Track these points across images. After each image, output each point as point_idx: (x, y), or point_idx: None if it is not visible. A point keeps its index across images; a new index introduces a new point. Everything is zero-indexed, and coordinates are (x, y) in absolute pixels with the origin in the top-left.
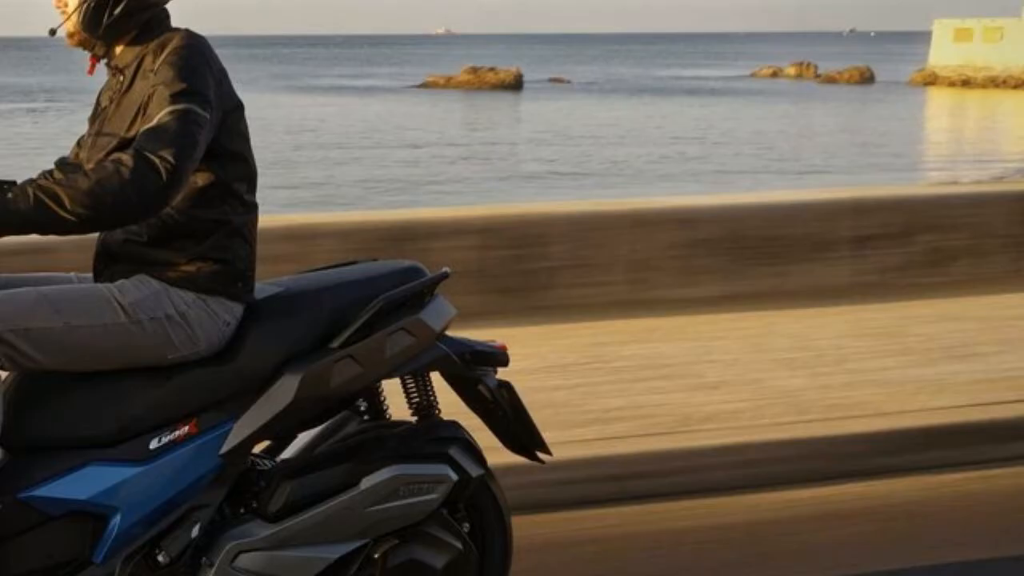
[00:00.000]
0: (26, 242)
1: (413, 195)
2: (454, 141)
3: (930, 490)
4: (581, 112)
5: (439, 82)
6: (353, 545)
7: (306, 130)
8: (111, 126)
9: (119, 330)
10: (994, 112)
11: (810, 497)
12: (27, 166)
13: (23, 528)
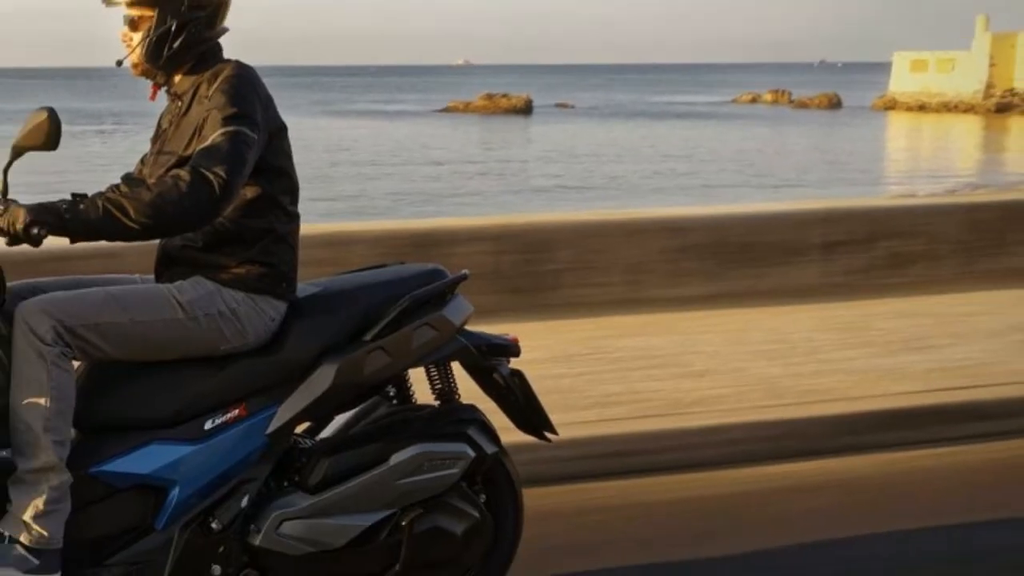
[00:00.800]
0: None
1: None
2: (472, 159)
3: (890, 466)
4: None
5: (459, 107)
6: (383, 514)
7: (342, 149)
8: (171, 145)
9: (177, 325)
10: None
11: (785, 472)
12: (97, 181)
13: (93, 499)
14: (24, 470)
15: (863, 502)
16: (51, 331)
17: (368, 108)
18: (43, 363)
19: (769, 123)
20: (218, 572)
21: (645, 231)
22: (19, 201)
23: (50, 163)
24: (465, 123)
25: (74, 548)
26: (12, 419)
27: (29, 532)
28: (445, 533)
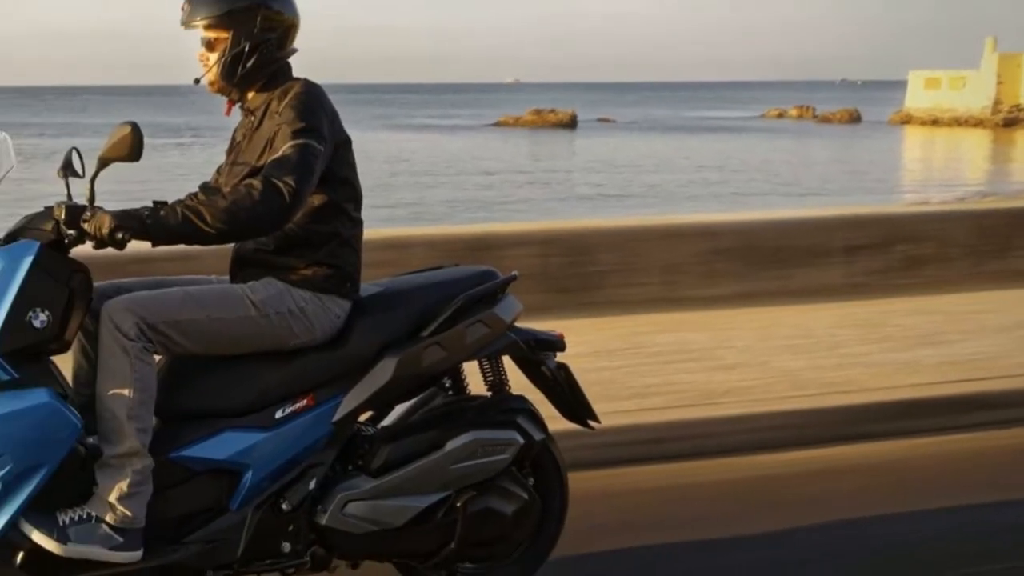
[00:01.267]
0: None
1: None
2: (521, 169)
3: (906, 452)
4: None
5: (509, 121)
6: (439, 495)
7: (401, 160)
8: (244, 157)
9: (251, 322)
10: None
11: (808, 457)
12: (176, 189)
13: (173, 482)
14: (110, 455)
15: (881, 485)
16: (134, 327)
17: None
18: (127, 357)
19: (794, 136)
20: (288, 549)
21: (681, 235)
22: (105, 208)
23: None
24: (515, 136)
25: (155, 527)
26: (98, 408)
27: (114, 512)
28: (497, 513)
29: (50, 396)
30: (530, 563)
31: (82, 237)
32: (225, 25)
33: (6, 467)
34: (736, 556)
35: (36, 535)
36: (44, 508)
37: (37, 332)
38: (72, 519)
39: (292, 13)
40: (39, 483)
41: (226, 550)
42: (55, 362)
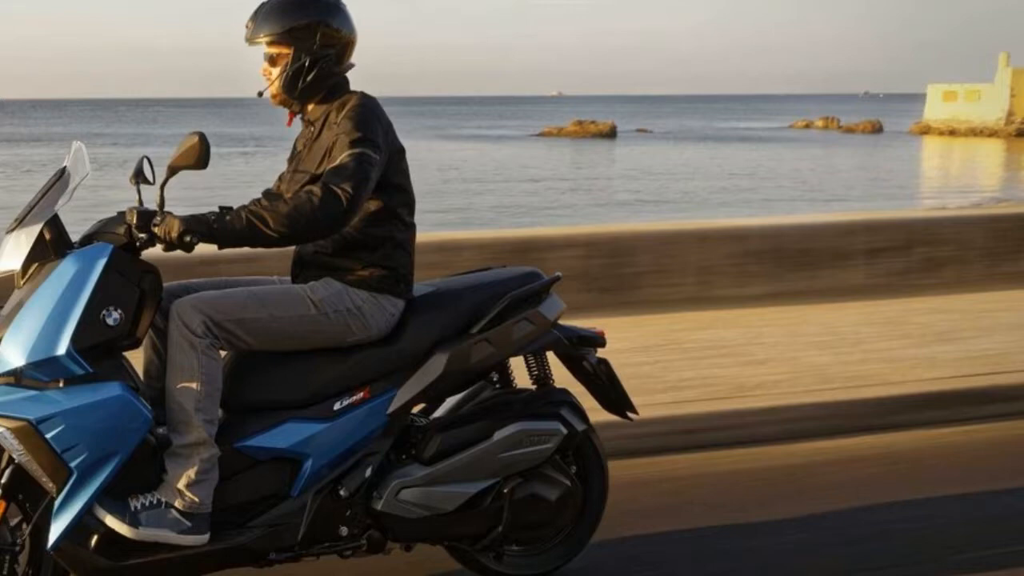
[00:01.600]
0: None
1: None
2: (564, 176)
3: (924, 441)
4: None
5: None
6: (488, 483)
7: (452, 168)
8: (304, 165)
9: (310, 320)
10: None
11: (833, 447)
12: (241, 195)
13: (238, 470)
14: (178, 445)
15: (901, 472)
16: (201, 325)
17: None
18: (194, 352)
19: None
20: (345, 533)
21: (713, 239)
22: (174, 213)
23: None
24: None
25: (221, 512)
26: (168, 401)
27: (183, 498)
28: (541, 499)
29: (123, 389)
30: (573, 546)
31: (152, 240)
32: (287, 42)
33: (82, 456)
34: (765, 539)
35: (109, 520)
36: (117, 494)
37: (110, 329)
38: (143, 505)
39: (349, 30)
40: (112, 471)
41: (288, 534)
42: (127, 357)
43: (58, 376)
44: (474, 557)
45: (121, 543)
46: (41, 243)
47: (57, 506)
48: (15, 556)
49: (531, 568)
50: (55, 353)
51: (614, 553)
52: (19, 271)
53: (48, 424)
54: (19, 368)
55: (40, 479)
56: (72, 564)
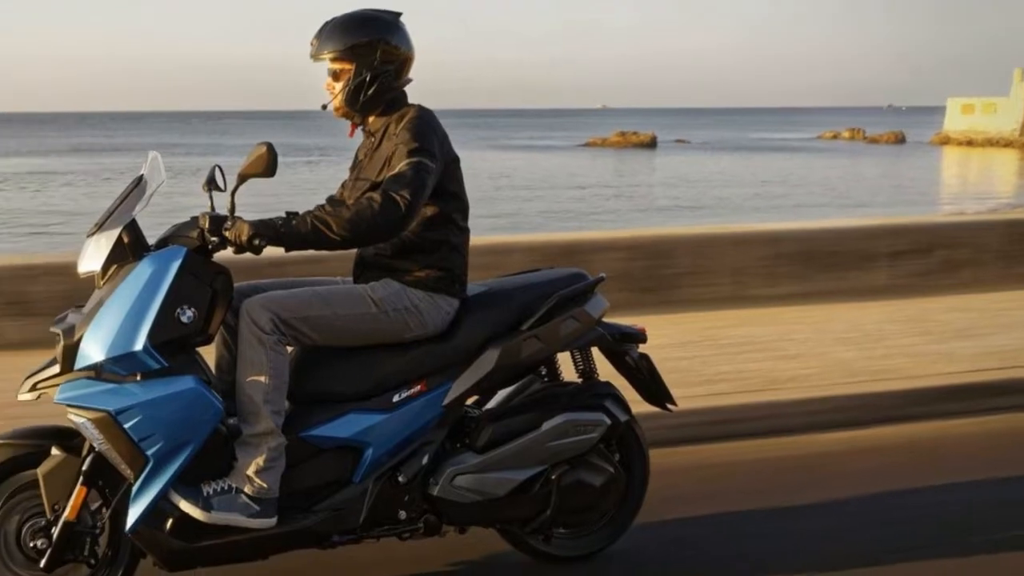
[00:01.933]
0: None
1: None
2: (608, 184)
3: (944, 431)
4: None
5: (597, 142)
6: (536, 469)
7: (503, 176)
8: (365, 173)
9: (371, 318)
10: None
11: (859, 436)
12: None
13: (304, 458)
14: (248, 434)
15: (922, 461)
16: (269, 322)
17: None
18: (263, 348)
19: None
20: (403, 516)
21: (747, 242)
22: (244, 218)
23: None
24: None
25: (288, 497)
26: (238, 393)
27: (252, 484)
28: (587, 485)
29: (196, 382)
30: (616, 529)
31: (224, 243)
32: (349, 58)
33: (157, 445)
34: (795, 523)
35: (184, 504)
36: (191, 481)
37: (184, 326)
38: (215, 490)
39: (408, 47)
40: (186, 459)
41: (350, 517)
42: (200, 353)
43: (135, 370)
44: (524, 539)
45: (194, 526)
46: (120, 246)
47: (135, 492)
48: (96, 538)
49: (577, 549)
50: (133, 349)
51: (655, 535)
52: (99, 272)
53: (126, 415)
54: (99, 363)
55: (119, 466)
56: (149, 546)
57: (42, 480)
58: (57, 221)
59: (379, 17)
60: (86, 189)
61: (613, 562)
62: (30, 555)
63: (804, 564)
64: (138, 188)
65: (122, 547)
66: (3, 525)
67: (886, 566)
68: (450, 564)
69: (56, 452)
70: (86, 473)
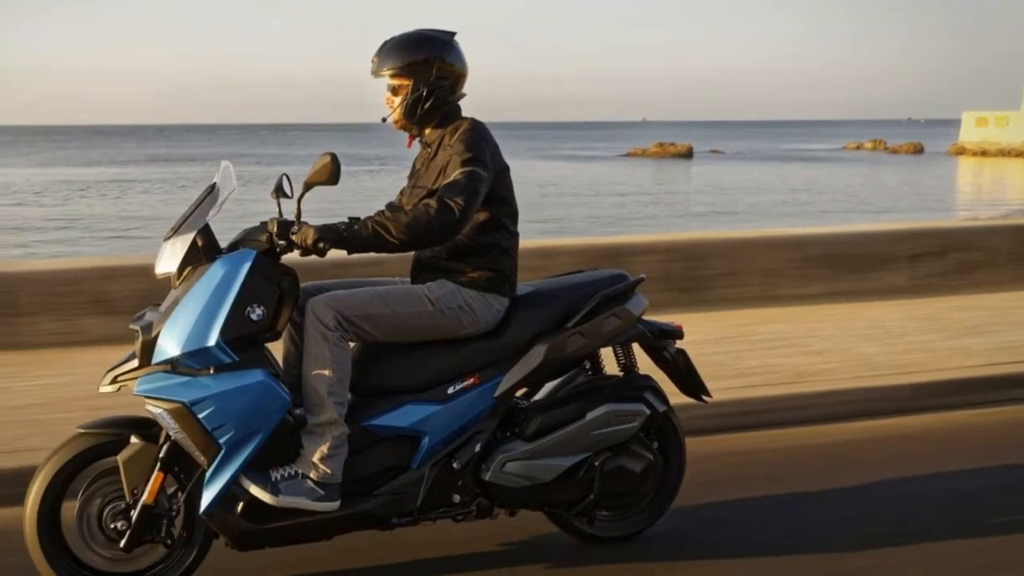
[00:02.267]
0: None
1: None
2: (647, 191)
3: (959, 421)
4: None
5: (638, 153)
6: (581, 456)
7: (550, 184)
8: (422, 181)
9: (428, 316)
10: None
11: (880, 426)
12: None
13: (365, 446)
14: (313, 424)
15: (939, 448)
16: (333, 319)
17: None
18: (327, 344)
19: (869, 165)
20: (457, 500)
21: (776, 245)
22: (310, 223)
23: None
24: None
25: (350, 483)
26: (304, 386)
27: (317, 470)
28: (628, 471)
29: (265, 375)
30: (655, 511)
31: (290, 247)
32: (407, 74)
33: (229, 433)
34: (820, 506)
35: (253, 488)
36: (260, 467)
37: (254, 323)
38: (283, 476)
39: (462, 64)
40: (256, 447)
41: (408, 501)
42: (268, 348)
43: (208, 364)
44: (569, 521)
45: (263, 509)
46: (194, 249)
47: (208, 477)
48: (172, 520)
49: (619, 530)
50: (206, 344)
51: (691, 517)
52: (175, 273)
53: (200, 406)
54: (175, 357)
55: (193, 453)
56: (221, 527)
57: (122, 466)
58: (136, 226)
59: (435, 37)
60: (162, 196)
61: (652, 543)
62: (111, 536)
63: (830, 544)
64: (211, 195)
65: (196, 529)
66: (86, 508)
67: (907, 546)
68: (501, 544)
69: (135, 440)
70: (163, 460)
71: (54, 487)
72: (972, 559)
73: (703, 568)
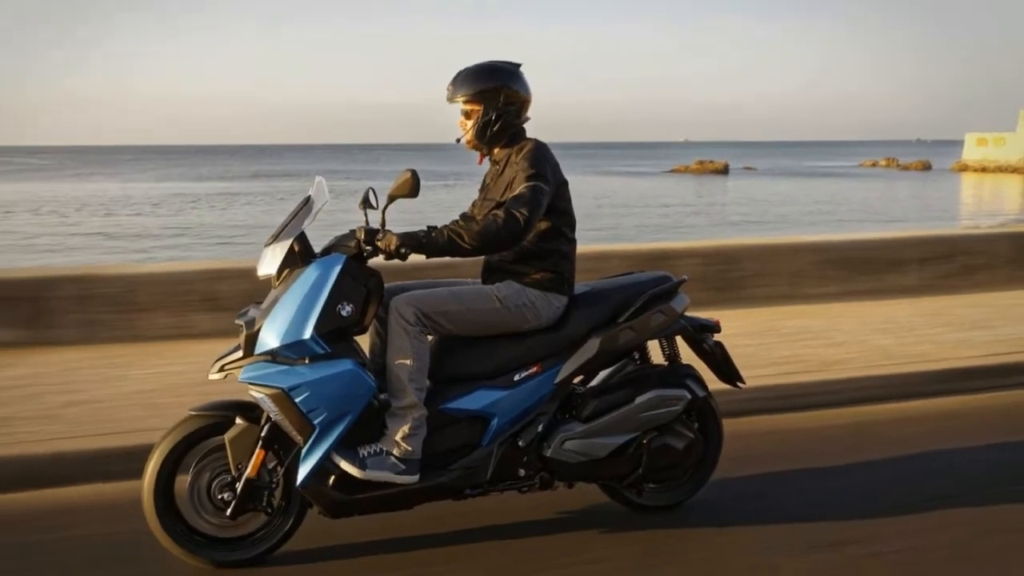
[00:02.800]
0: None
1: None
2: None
3: (963, 405)
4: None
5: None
6: (631, 435)
7: (604, 197)
8: (492, 194)
9: (496, 312)
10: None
11: (894, 408)
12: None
13: (442, 426)
14: (396, 407)
15: (947, 428)
16: (413, 315)
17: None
18: (408, 337)
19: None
20: (522, 474)
21: (802, 250)
22: (393, 231)
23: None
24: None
25: (428, 458)
26: (388, 373)
27: (399, 447)
28: (672, 448)
29: (353, 364)
30: (696, 484)
31: (376, 252)
32: (478, 100)
33: (322, 415)
34: (843, 478)
35: (343, 464)
36: (349, 445)
37: (344, 319)
38: (369, 452)
39: (526, 92)
40: (345, 427)
41: (479, 474)
42: (356, 340)
43: (304, 355)
44: (620, 492)
45: (352, 482)
46: (292, 254)
47: (303, 454)
48: (272, 492)
49: (664, 500)
50: (302, 337)
51: (728, 489)
52: (275, 275)
53: (296, 391)
54: (275, 348)
55: (291, 433)
56: (315, 498)
57: (228, 444)
58: (240, 233)
59: (503, 68)
60: (264, 207)
61: (693, 511)
62: (218, 505)
63: (852, 511)
64: (306, 207)
65: (293, 499)
66: (196, 481)
67: (922, 513)
68: (560, 513)
69: (240, 421)
70: (264, 439)
71: (169, 462)
72: (981, 524)
73: (738, 533)
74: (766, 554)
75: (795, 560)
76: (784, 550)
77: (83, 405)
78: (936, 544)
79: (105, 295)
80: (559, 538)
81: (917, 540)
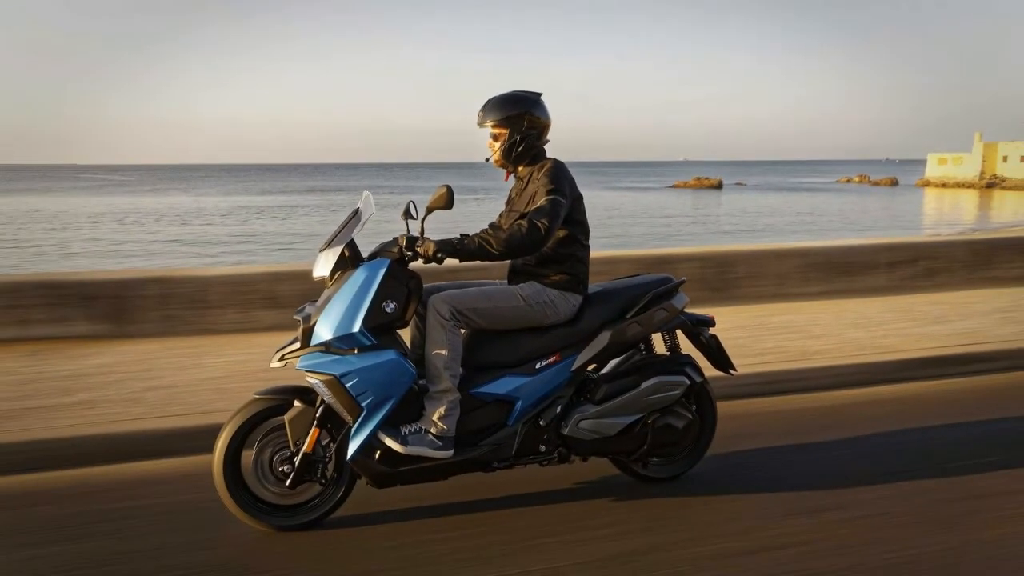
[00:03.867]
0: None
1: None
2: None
3: (926, 389)
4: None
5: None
6: (637, 416)
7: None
8: (516, 206)
9: (520, 309)
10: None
11: (866, 393)
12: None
13: (473, 408)
14: (433, 391)
15: (913, 409)
16: (448, 312)
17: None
18: (444, 331)
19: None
20: (543, 449)
21: (787, 255)
22: (430, 238)
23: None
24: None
25: (461, 436)
26: (426, 362)
27: (436, 426)
28: (672, 427)
29: (396, 354)
30: (694, 458)
31: (416, 256)
32: (505, 125)
33: (369, 399)
34: (821, 452)
35: (387, 440)
36: (392, 424)
37: (388, 315)
38: (410, 431)
39: (547, 117)
40: (390, 408)
41: (505, 450)
42: (399, 333)
43: (353, 346)
44: (628, 465)
45: (395, 456)
46: (342, 258)
47: (353, 432)
48: (326, 465)
49: (666, 472)
50: (352, 330)
51: (723, 462)
52: (328, 277)
53: (347, 378)
54: (328, 340)
55: (341, 414)
56: (363, 470)
57: (287, 424)
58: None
59: (526, 96)
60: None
61: (693, 481)
62: (279, 476)
63: (830, 481)
64: (355, 217)
65: (344, 471)
66: (260, 455)
67: (890, 484)
68: (576, 483)
69: (297, 404)
70: (319, 419)
71: (236, 439)
72: (941, 493)
73: (730, 501)
74: (754, 519)
75: (777, 524)
76: (767, 515)
77: (161, 390)
78: (902, 510)
79: (181, 294)
80: (575, 505)
81: (885, 507)
